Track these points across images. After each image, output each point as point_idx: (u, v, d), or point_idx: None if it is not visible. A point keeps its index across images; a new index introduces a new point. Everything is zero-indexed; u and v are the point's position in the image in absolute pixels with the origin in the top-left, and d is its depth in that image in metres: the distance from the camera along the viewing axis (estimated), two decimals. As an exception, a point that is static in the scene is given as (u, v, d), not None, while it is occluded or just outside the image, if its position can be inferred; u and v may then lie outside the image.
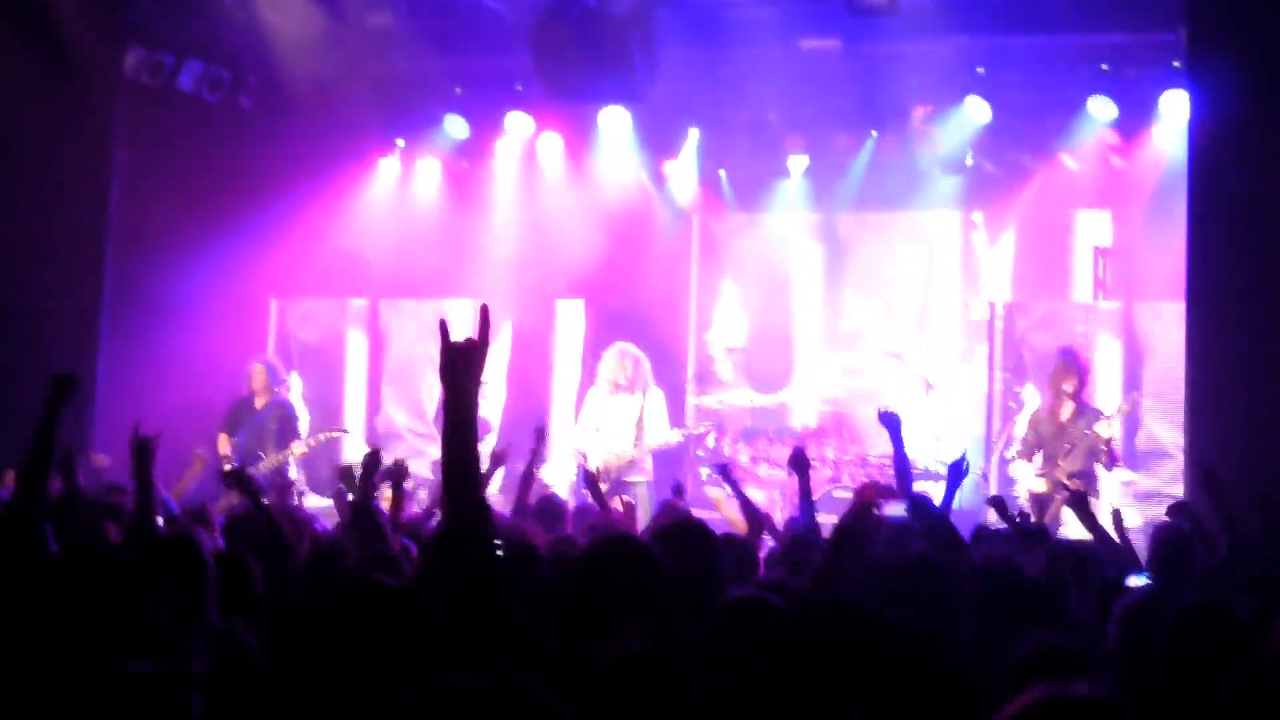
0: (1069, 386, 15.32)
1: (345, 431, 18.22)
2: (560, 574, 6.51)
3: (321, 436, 17.31)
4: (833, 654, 4.92)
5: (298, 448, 16.98)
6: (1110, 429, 15.01)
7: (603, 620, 5.33)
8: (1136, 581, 8.40)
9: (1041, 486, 15.02)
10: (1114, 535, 10.16)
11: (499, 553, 5.08)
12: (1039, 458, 15.38)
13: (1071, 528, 12.24)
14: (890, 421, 10.07)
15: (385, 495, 11.46)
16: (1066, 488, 14.62)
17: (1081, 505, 10.61)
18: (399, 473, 11.22)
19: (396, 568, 7.60)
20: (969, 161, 19.28)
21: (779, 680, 4.78)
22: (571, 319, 19.42)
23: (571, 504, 13.43)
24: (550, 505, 11.97)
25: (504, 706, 3.33)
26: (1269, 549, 9.43)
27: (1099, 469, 15.15)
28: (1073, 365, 15.45)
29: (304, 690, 4.86)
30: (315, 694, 5.01)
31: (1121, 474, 16.21)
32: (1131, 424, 16.79)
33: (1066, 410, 15.31)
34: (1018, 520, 10.11)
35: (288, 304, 20.26)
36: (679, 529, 6.66)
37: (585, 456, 16.45)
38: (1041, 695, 3.70)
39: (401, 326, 20.46)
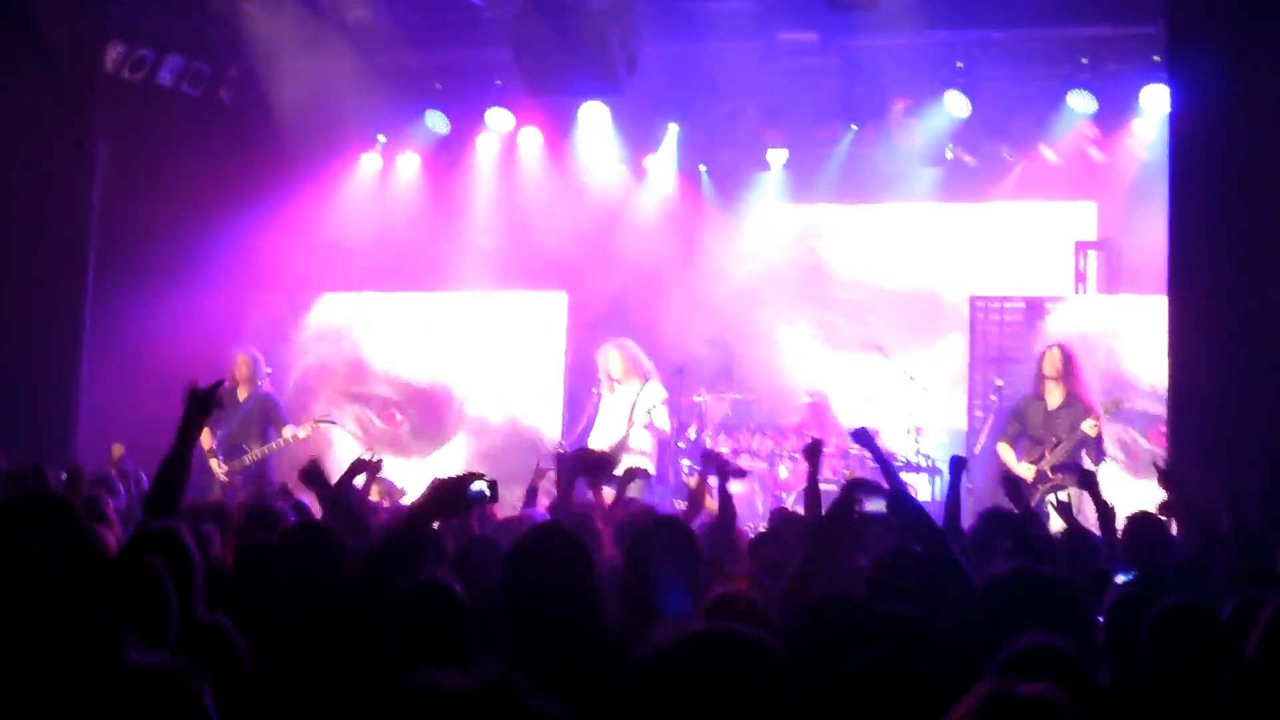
0: (1055, 375, 15.29)
1: (333, 422, 18.19)
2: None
3: (308, 426, 17.26)
4: None
5: (280, 441, 16.93)
6: (1097, 427, 15.00)
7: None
8: (1124, 576, 8.40)
9: (1028, 474, 14.96)
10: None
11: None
12: (1023, 445, 15.36)
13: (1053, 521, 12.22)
14: (862, 438, 9.98)
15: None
16: (1050, 478, 14.69)
17: (1092, 487, 10.64)
18: (374, 467, 11.33)
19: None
20: (948, 155, 19.34)
21: None
22: (553, 312, 19.37)
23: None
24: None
25: (491, 708, 3.33)
26: (1251, 538, 9.47)
27: (1086, 460, 15.12)
28: (1060, 355, 15.42)
29: (288, 688, 4.87)
30: (299, 692, 5.03)
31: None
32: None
33: (1054, 398, 15.29)
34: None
35: (268, 297, 20.23)
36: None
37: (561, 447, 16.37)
38: (986, 694, 3.68)
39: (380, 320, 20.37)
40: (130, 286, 17.69)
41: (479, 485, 5.76)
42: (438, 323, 19.74)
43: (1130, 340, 16.87)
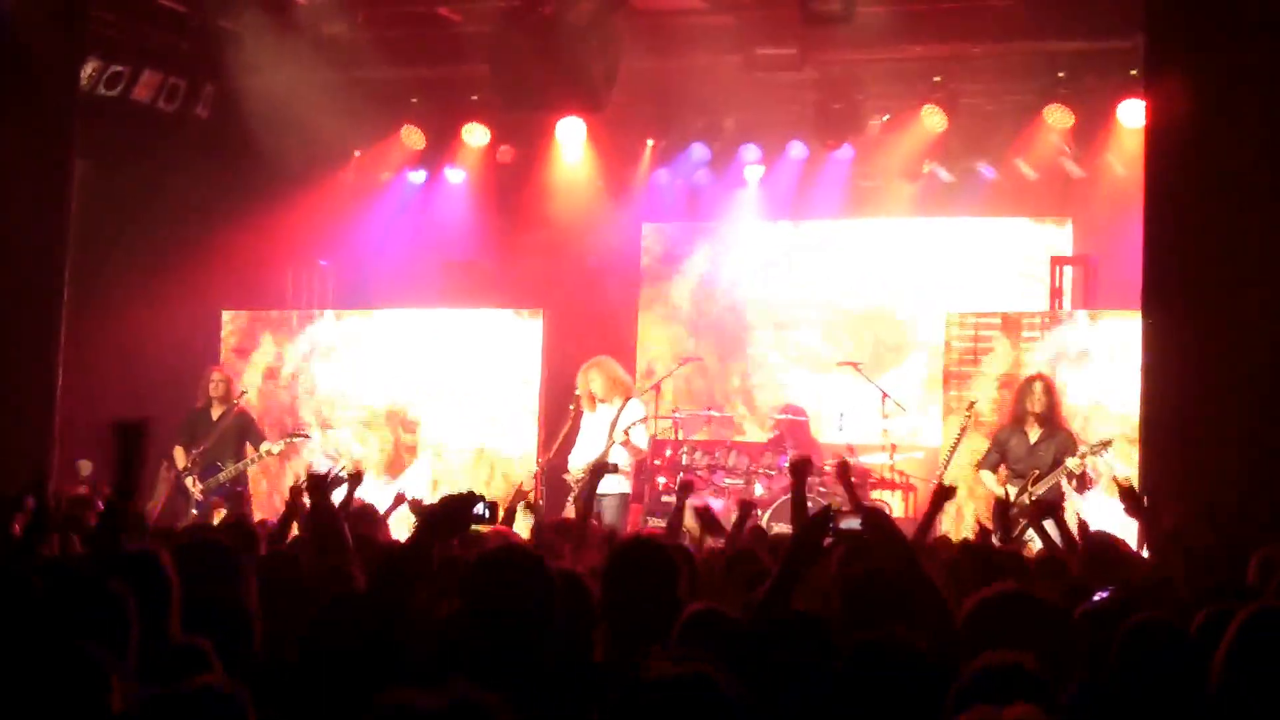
0: (1041, 410, 15.29)
1: (306, 436, 18.16)
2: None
3: (282, 443, 17.23)
4: None
5: (254, 456, 16.88)
6: (1082, 465, 14.97)
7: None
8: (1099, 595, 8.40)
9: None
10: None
11: None
12: (1003, 471, 15.32)
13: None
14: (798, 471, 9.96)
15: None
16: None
17: (1041, 520, 10.66)
18: (355, 479, 11.26)
19: (352, 580, 7.48)
20: (925, 170, 19.33)
21: None
22: (529, 331, 19.30)
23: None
24: None
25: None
26: (1222, 556, 9.48)
27: (1070, 490, 15.07)
28: (1042, 388, 15.42)
29: (265, 711, 4.85)
30: (290, 711, 5.02)
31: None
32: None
33: (1035, 432, 15.28)
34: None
35: (244, 314, 20.20)
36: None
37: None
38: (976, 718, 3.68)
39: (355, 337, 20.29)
40: (106, 303, 17.68)
41: (480, 506, 5.81)
42: (413, 340, 19.67)
43: (1104, 356, 16.85)
